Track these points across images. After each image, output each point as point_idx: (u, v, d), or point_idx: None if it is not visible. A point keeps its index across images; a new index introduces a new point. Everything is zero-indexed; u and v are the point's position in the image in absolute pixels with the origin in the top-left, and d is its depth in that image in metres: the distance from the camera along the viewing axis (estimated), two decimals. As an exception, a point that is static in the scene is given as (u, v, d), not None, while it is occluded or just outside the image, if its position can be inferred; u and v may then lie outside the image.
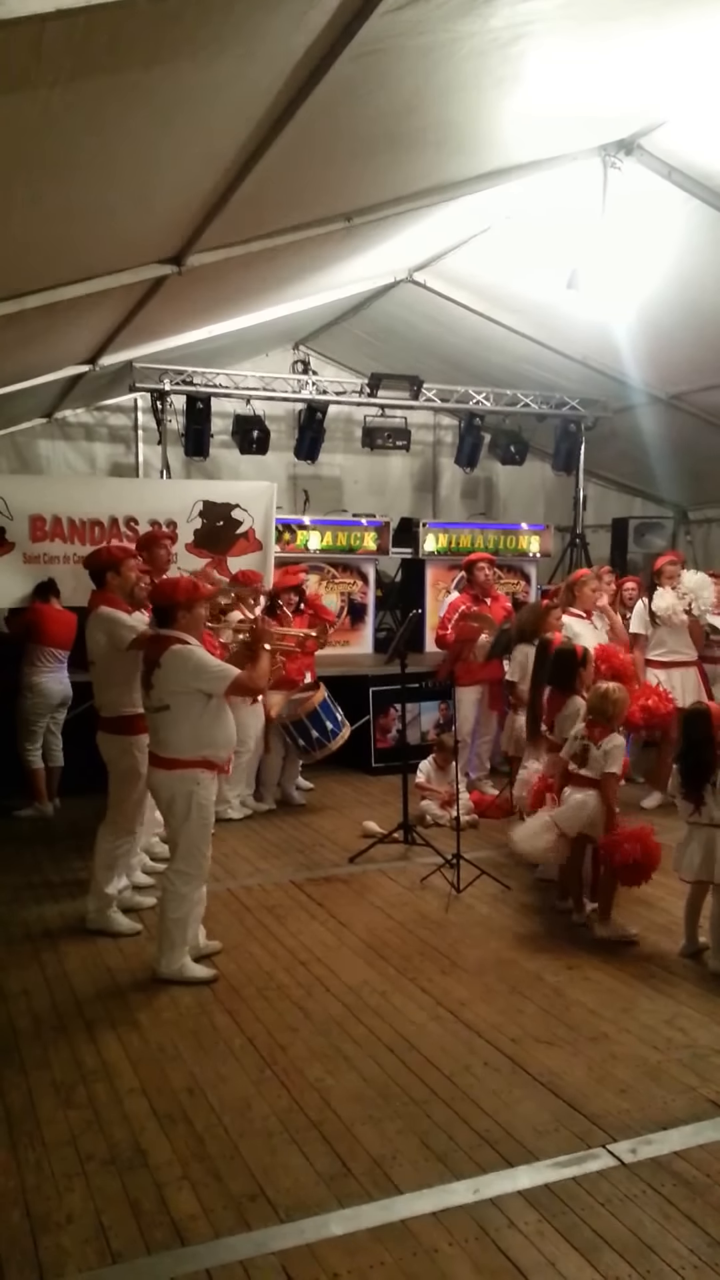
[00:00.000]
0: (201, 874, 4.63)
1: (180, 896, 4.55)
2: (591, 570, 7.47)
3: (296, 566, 8.27)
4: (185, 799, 4.50)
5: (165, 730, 4.51)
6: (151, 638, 4.73)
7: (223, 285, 6.58)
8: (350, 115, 4.30)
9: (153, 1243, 2.87)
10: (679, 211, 6.15)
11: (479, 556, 8.11)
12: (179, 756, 4.49)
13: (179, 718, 4.47)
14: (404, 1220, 2.96)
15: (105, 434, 10.50)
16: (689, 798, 4.71)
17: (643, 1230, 2.91)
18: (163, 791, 4.57)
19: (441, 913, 5.48)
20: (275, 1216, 2.98)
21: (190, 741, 4.48)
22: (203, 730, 4.49)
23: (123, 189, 4.30)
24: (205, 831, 4.60)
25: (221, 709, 4.56)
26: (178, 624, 4.58)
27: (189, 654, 4.48)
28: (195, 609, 4.63)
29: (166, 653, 4.48)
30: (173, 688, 4.45)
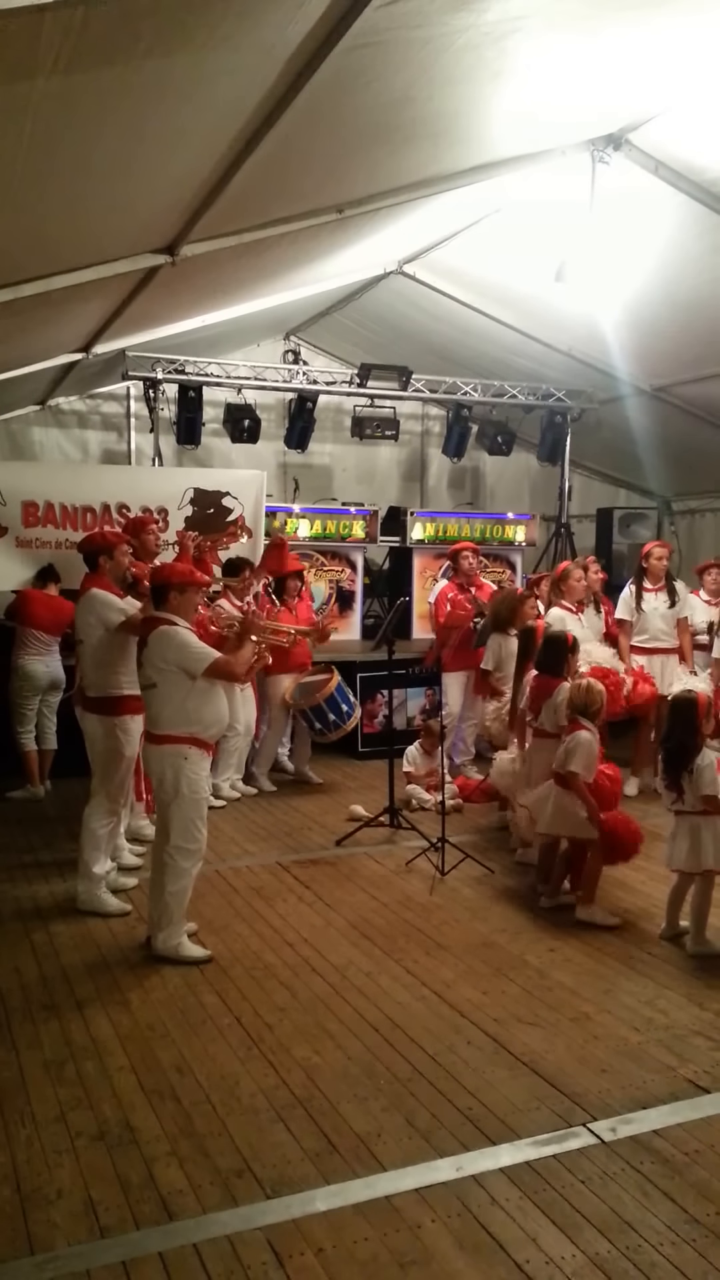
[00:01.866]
0: (199, 849, 4.70)
1: (180, 870, 4.62)
2: (575, 561, 7.54)
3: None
4: (174, 773, 4.58)
5: (154, 706, 4.64)
6: (144, 619, 4.87)
7: (215, 275, 6.58)
8: (344, 107, 4.32)
9: (141, 1218, 2.92)
10: (666, 206, 6.18)
11: (464, 545, 8.18)
12: (169, 732, 4.61)
13: (166, 695, 4.60)
14: (388, 1197, 3.01)
15: (98, 421, 10.49)
16: (671, 786, 4.76)
17: (622, 1207, 2.97)
18: (154, 765, 4.67)
19: (426, 895, 5.55)
20: (262, 1192, 3.03)
21: (178, 718, 4.59)
22: (190, 708, 4.60)
23: (117, 179, 4.30)
24: (198, 807, 4.67)
25: (210, 689, 4.65)
26: (169, 605, 4.72)
27: (174, 634, 4.61)
28: (187, 593, 4.76)
29: (154, 632, 4.64)
30: (156, 664, 4.60)
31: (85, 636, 5.31)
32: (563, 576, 6.97)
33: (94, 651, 5.28)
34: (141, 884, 5.56)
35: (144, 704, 4.79)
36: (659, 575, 7.63)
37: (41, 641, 7.29)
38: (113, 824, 5.38)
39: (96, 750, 5.31)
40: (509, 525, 10.66)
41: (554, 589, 7.09)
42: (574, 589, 6.90)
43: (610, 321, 7.99)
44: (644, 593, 7.59)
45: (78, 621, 5.38)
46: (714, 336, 7.86)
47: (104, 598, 5.28)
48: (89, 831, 5.25)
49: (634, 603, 7.56)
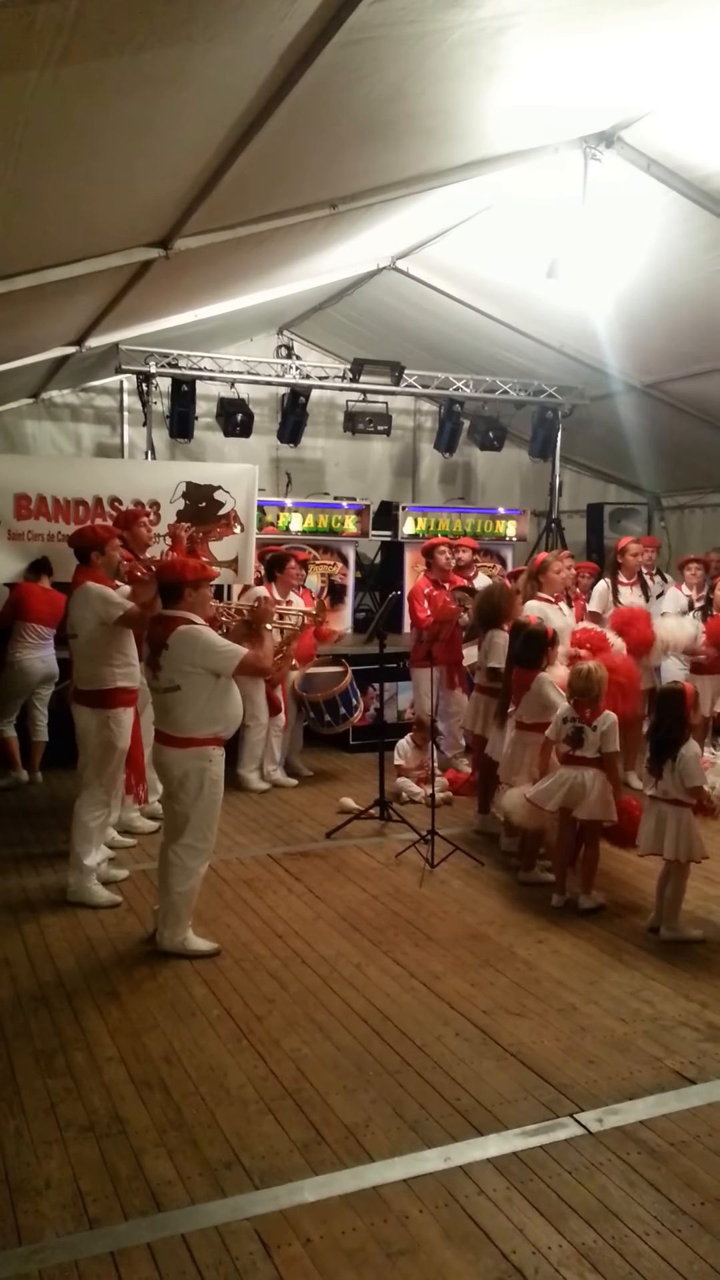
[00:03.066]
0: (208, 849, 4.67)
1: (187, 871, 4.59)
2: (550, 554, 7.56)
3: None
4: (198, 775, 4.52)
5: (178, 710, 4.50)
6: (157, 618, 4.71)
7: (209, 269, 6.58)
8: (338, 102, 4.32)
9: (130, 1208, 2.93)
10: (657, 204, 6.20)
11: (438, 541, 8.21)
12: (192, 735, 4.51)
13: (190, 697, 4.47)
14: (376, 1187, 3.02)
15: (91, 415, 10.48)
16: (653, 772, 4.85)
17: (608, 1197, 2.99)
18: (175, 769, 4.55)
19: (416, 887, 5.57)
20: (250, 1183, 3.04)
21: (203, 719, 4.51)
22: (215, 708, 4.53)
23: (111, 172, 4.30)
24: (215, 807, 4.63)
25: (230, 686, 4.58)
26: (183, 603, 4.58)
27: (197, 634, 4.49)
28: (202, 589, 4.65)
29: (174, 634, 4.48)
30: (183, 667, 4.46)
31: (79, 630, 5.29)
32: (541, 568, 6.98)
33: (87, 645, 5.26)
34: (133, 876, 5.58)
35: (158, 707, 4.66)
36: (633, 570, 7.78)
37: (38, 635, 7.29)
38: (104, 816, 5.38)
39: (89, 743, 5.31)
40: (500, 520, 10.69)
41: (531, 581, 7.10)
42: (553, 581, 6.90)
43: (602, 318, 8.02)
44: (619, 587, 7.70)
45: (71, 615, 5.34)
46: (704, 334, 7.89)
47: (101, 592, 5.25)
48: (80, 824, 5.25)
49: (610, 597, 7.65)
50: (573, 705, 5.26)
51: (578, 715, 5.21)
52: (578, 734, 5.17)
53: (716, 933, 4.94)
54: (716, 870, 5.72)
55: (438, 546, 8.06)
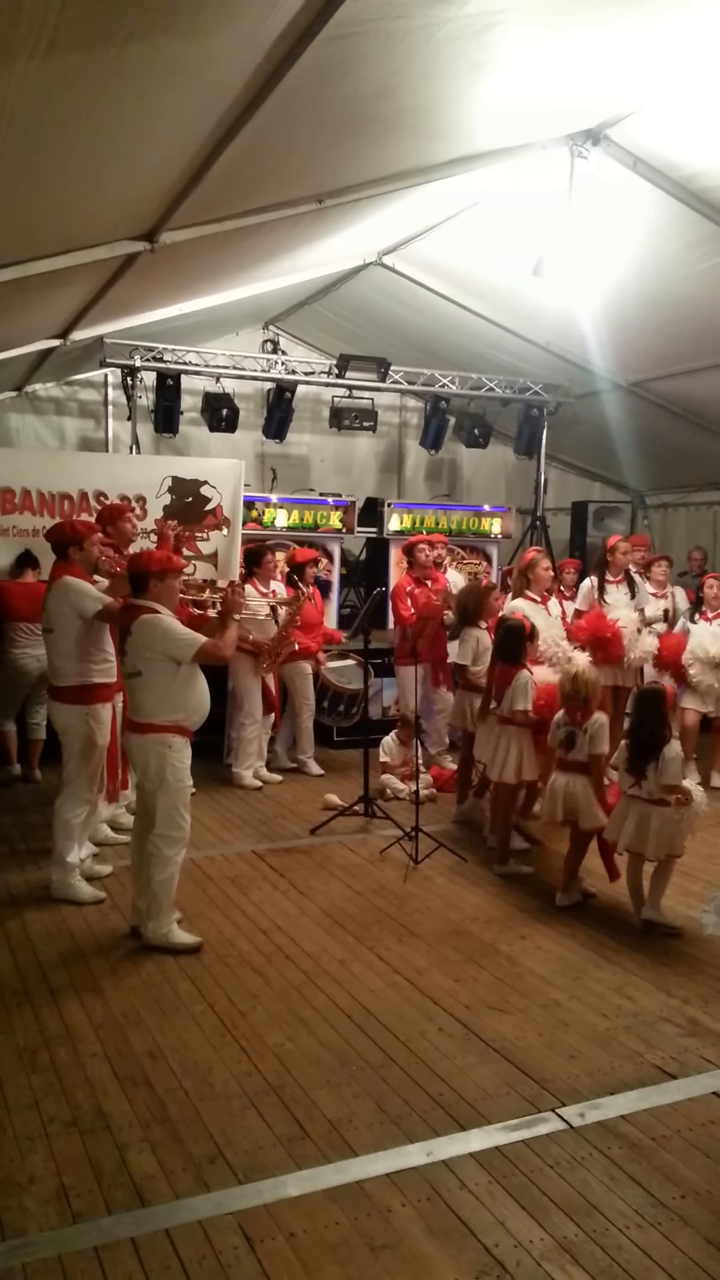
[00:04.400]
0: (183, 836, 4.69)
1: (165, 860, 4.62)
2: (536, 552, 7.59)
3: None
4: (159, 761, 4.57)
5: (139, 695, 4.61)
6: (124, 607, 4.83)
7: (194, 263, 6.55)
8: (325, 97, 4.31)
9: (113, 1203, 2.93)
10: (643, 202, 6.22)
11: (419, 539, 8.26)
12: (153, 721, 4.59)
13: (151, 683, 4.57)
14: (359, 1182, 3.04)
15: (75, 409, 10.42)
16: (632, 771, 4.88)
17: (589, 1191, 3.01)
18: (138, 755, 4.65)
19: (400, 883, 5.58)
20: (234, 1178, 3.04)
21: (162, 706, 4.58)
22: (174, 695, 4.58)
23: (97, 165, 4.28)
24: (182, 794, 4.66)
25: (193, 676, 4.64)
26: (149, 593, 4.69)
27: (158, 621, 4.58)
28: (167, 579, 4.74)
29: (137, 621, 4.59)
30: (144, 654, 4.56)
31: (56, 625, 5.26)
32: (530, 565, 7.00)
33: (66, 640, 5.24)
34: (116, 872, 5.57)
35: (126, 692, 4.75)
36: (620, 569, 7.80)
37: (31, 633, 7.18)
38: (86, 812, 5.36)
39: (70, 739, 5.29)
40: (485, 518, 10.71)
41: (520, 578, 7.12)
42: (541, 578, 6.93)
43: (587, 316, 8.04)
44: (606, 585, 7.72)
45: (48, 610, 5.31)
46: (689, 333, 7.92)
47: (79, 586, 5.24)
48: (62, 820, 5.24)
49: (596, 595, 7.68)
50: (564, 709, 5.28)
51: (569, 719, 5.23)
52: (570, 738, 5.20)
53: (696, 929, 4.97)
54: (696, 867, 5.76)
55: (418, 544, 8.10)
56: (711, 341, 7.93)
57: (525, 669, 5.68)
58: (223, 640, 4.69)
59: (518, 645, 5.72)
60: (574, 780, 5.18)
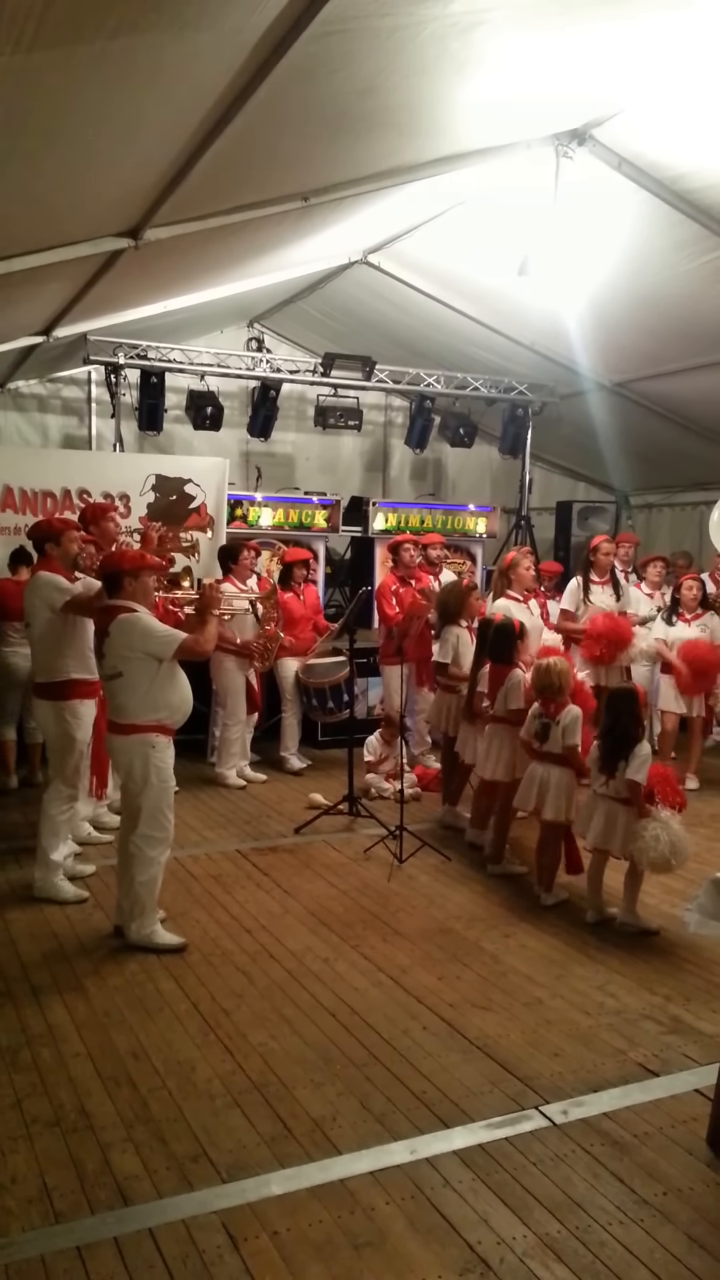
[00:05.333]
0: (167, 837, 4.67)
1: (148, 860, 4.60)
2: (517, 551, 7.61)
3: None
4: (143, 762, 4.55)
5: (120, 696, 4.57)
6: (101, 608, 4.79)
7: (179, 260, 6.53)
8: (311, 94, 4.30)
9: (96, 1203, 2.92)
10: (628, 202, 6.23)
11: (404, 538, 8.26)
12: (135, 721, 4.56)
13: (132, 683, 4.54)
14: (342, 1180, 3.03)
15: (58, 406, 10.36)
16: (603, 770, 4.91)
17: (572, 1188, 3.02)
18: (121, 756, 4.63)
19: (384, 882, 5.58)
20: (217, 1177, 3.04)
21: (145, 706, 4.55)
22: (156, 694, 4.56)
23: (80, 161, 4.26)
24: (166, 794, 4.64)
25: (174, 674, 4.62)
26: (124, 592, 4.66)
27: (135, 620, 4.56)
28: (142, 577, 4.71)
29: (115, 621, 4.57)
30: (124, 653, 4.53)
31: (33, 621, 5.25)
32: (511, 565, 7.02)
33: (42, 636, 5.22)
34: (99, 872, 5.55)
35: (106, 694, 4.72)
36: (605, 569, 7.83)
37: (19, 631, 7.12)
38: (70, 810, 5.34)
39: (50, 736, 5.28)
40: (470, 517, 10.72)
41: (501, 579, 7.13)
42: (523, 578, 6.94)
43: (573, 316, 8.05)
44: (591, 585, 7.75)
45: (25, 606, 5.30)
46: (673, 333, 7.95)
47: (49, 579, 5.21)
48: (47, 818, 5.22)
49: (581, 595, 7.70)
50: (540, 703, 5.30)
51: (543, 711, 5.25)
52: (544, 729, 5.22)
53: (678, 927, 4.99)
54: (679, 865, 5.79)
55: (403, 544, 8.12)
56: (695, 343, 7.96)
57: (517, 668, 5.69)
58: (203, 635, 4.67)
59: (509, 645, 5.73)
60: (549, 770, 5.21)
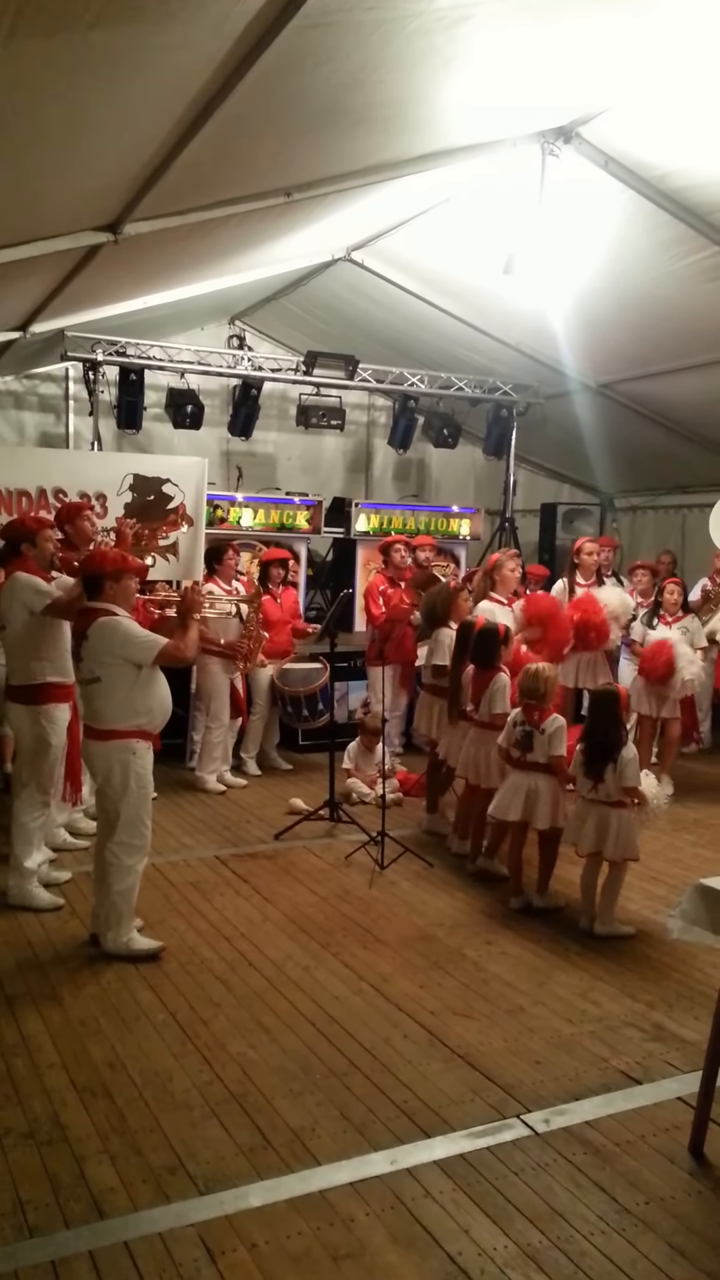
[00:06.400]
0: (144, 844, 4.61)
1: (125, 869, 4.53)
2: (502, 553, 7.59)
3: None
4: (122, 769, 4.48)
5: (99, 701, 4.49)
6: (80, 610, 4.70)
7: (159, 256, 6.47)
8: (294, 88, 4.26)
9: (71, 1216, 2.87)
10: (614, 202, 6.22)
11: (395, 539, 8.24)
12: (114, 727, 4.47)
13: (111, 688, 4.45)
14: (322, 1191, 3.00)
15: (35, 403, 10.26)
16: (590, 774, 4.87)
17: (554, 1198, 2.99)
18: (99, 763, 4.53)
19: (365, 889, 5.54)
20: (194, 1189, 2.99)
21: (124, 711, 4.47)
22: (136, 700, 4.48)
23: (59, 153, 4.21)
24: (145, 801, 4.58)
25: (154, 678, 4.54)
26: (105, 595, 4.57)
27: (116, 625, 4.47)
28: (123, 580, 4.62)
29: (94, 625, 4.47)
30: (103, 658, 4.44)
31: (8, 622, 5.16)
32: (495, 567, 6.99)
33: (17, 638, 5.14)
34: (75, 879, 5.47)
35: (83, 699, 4.64)
36: (590, 570, 7.83)
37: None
38: (43, 817, 5.26)
39: (24, 740, 5.18)
40: (454, 519, 10.70)
41: (485, 580, 7.10)
42: (507, 580, 6.92)
43: (558, 316, 8.04)
44: (576, 587, 7.74)
45: (2, 607, 5.22)
46: (659, 334, 7.96)
47: (30, 581, 5.13)
48: (19, 825, 5.14)
49: (566, 597, 7.69)
50: (521, 708, 5.26)
51: (526, 719, 5.20)
52: (527, 738, 5.17)
53: (662, 932, 4.97)
54: (661, 869, 5.78)
55: (394, 545, 8.08)
56: (680, 344, 7.97)
57: (502, 673, 5.64)
58: (184, 641, 4.58)
59: (493, 649, 5.69)
60: (534, 779, 5.16)
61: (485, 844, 5.78)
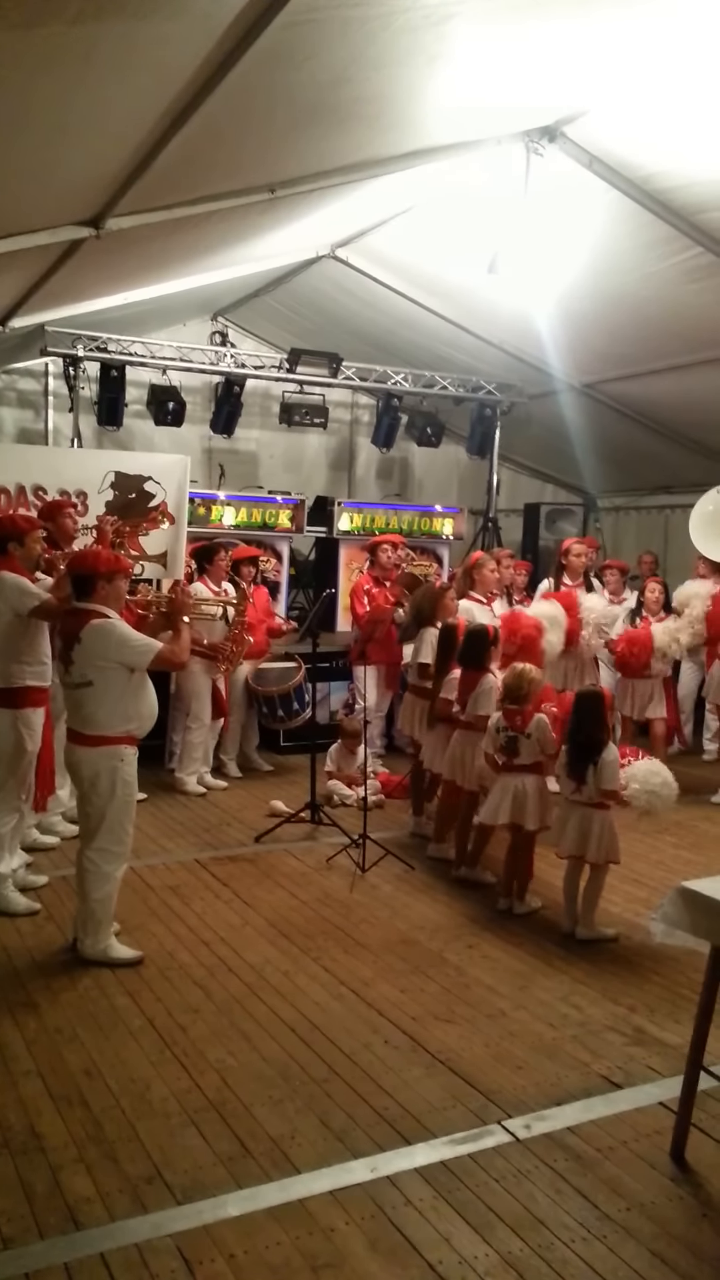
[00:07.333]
0: (124, 852, 4.55)
1: (104, 875, 4.47)
2: (487, 553, 7.58)
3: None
4: (110, 775, 4.40)
5: (89, 706, 4.39)
6: (69, 611, 4.58)
7: (142, 251, 6.41)
8: (280, 84, 4.22)
9: (46, 1227, 2.83)
10: (599, 201, 6.21)
11: (384, 538, 8.21)
12: (104, 733, 4.39)
13: (103, 693, 4.36)
14: (301, 1200, 2.97)
15: (14, 398, 10.15)
16: (572, 776, 4.86)
17: (535, 1205, 2.98)
18: (85, 769, 4.44)
19: (346, 892, 5.51)
20: (172, 1198, 2.96)
21: (116, 716, 4.39)
22: (128, 704, 4.41)
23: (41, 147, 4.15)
24: (129, 808, 4.51)
25: (144, 683, 4.47)
26: (96, 596, 4.46)
27: (111, 628, 4.38)
28: (115, 581, 4.52)
29: (87, 627, 4.36)
30: (96, 662, 4.35)
31: None
32: (476, 566, 6.96)
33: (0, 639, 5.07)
34: (52, 883, 5.41)
35: (70, 703, 4.53)
36: (578, 572, 7.82)
37: None
38: (16, 821, 5.18)
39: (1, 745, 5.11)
40: (437, 518, 10.67)
41: (465, 579, 7.07)
42: (486, 579, 6.88)
43: (542, 316, 8.03)
44: (563, 589, 7.73)
45: None
46: (642, 335, 7.96)
47: (16, 582, 5.05)
48: (-10, 831, 5.07)
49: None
50: (502, 713, 5.23)
51: (508, 724, 5.18)
52: (511, 743, 5.15)
53: (644, 936, 4.97)
54: (643, 872, 5.78)
55: (381, 544, 8.05)
56: (664, 344, 7.98)
57: (489, 674, 5.62)
58: (178, 645, 4.51)
59: (481, 650, 5.66)
60: (520, 779, 5.14)
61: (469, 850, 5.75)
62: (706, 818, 7.16)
